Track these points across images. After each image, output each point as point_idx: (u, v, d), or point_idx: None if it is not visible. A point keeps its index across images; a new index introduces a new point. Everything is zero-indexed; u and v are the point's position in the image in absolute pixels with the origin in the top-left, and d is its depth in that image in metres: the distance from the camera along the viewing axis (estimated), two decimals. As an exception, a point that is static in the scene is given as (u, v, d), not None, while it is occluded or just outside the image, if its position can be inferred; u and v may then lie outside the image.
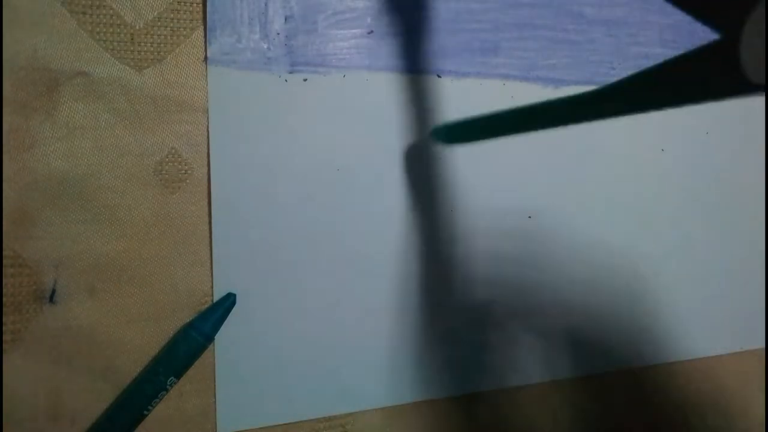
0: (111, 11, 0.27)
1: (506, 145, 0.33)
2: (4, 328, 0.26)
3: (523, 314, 0.35)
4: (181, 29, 0.28)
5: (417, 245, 0.32)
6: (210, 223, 0.29)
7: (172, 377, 0.27)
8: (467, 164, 0.32)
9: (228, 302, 0.29)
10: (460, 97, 0.32)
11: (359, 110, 0.30)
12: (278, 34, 0.28)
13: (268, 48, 0.28)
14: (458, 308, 0.33)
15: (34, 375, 0.27)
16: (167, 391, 0.27)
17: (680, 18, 0.36)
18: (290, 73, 0.29)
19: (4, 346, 0.26)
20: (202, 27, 0.28)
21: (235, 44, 0.28)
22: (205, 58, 0.28)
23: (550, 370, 0.36)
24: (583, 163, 0.35)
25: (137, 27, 0.27)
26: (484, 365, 0.33)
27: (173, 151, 0.28)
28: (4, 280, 0.26)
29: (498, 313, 0.34)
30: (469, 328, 0.34)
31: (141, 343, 0.28)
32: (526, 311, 0.35)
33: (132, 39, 0.27)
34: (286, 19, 0.28)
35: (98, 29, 0.27)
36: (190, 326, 0.28)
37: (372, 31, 0.30)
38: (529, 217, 0.34)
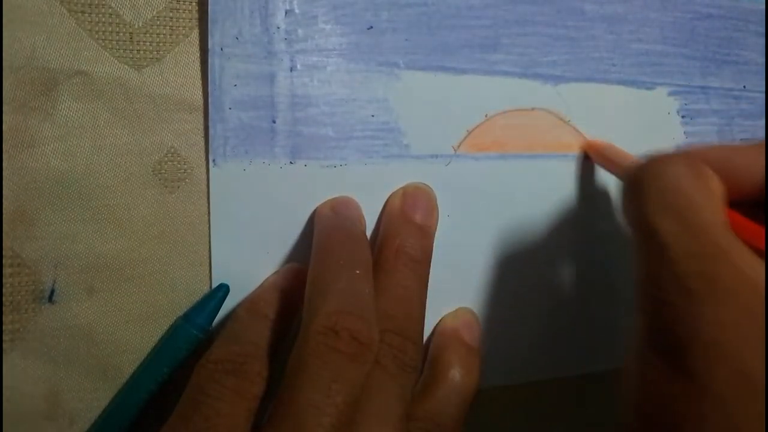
0: (110, 10, 0.27)
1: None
2: (3, 327, 0.26)
3: (528, 311, 0.34)
4: (181, 28, 0.28)
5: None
6: (209, 222, 0.29)
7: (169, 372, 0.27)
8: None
9: (220, 293, 0.28)
10: (458, 94, 0.32)
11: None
12: (278, 28, 0.28)
13: (269, 42, 0.28)
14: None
15: (33, 375, 0.27)
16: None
17: (681, 15, 0.36)
18: (290, 69, 0.29)
19: (3, 345, 0.26)
20: (203, 24, 0.28)
21: (235, 38, 0.28)
22: (205, 52, 0.28)
23: (568, 365, 0.35)
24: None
25: (136, 26, 0.27)
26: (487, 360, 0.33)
27: (172, 150, 0.28)
28: (3, 280, 0.26)
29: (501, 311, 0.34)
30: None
31: (140, 343, 0.28)
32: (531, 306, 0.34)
33: (131, 38, 0.27)
34: (286, 13, 0.28)
35: (97, 28, 0.27)
36: (184, 319, 0.28)
37: (371, 27, 0.30)
38: (538, 214, 0.34)
